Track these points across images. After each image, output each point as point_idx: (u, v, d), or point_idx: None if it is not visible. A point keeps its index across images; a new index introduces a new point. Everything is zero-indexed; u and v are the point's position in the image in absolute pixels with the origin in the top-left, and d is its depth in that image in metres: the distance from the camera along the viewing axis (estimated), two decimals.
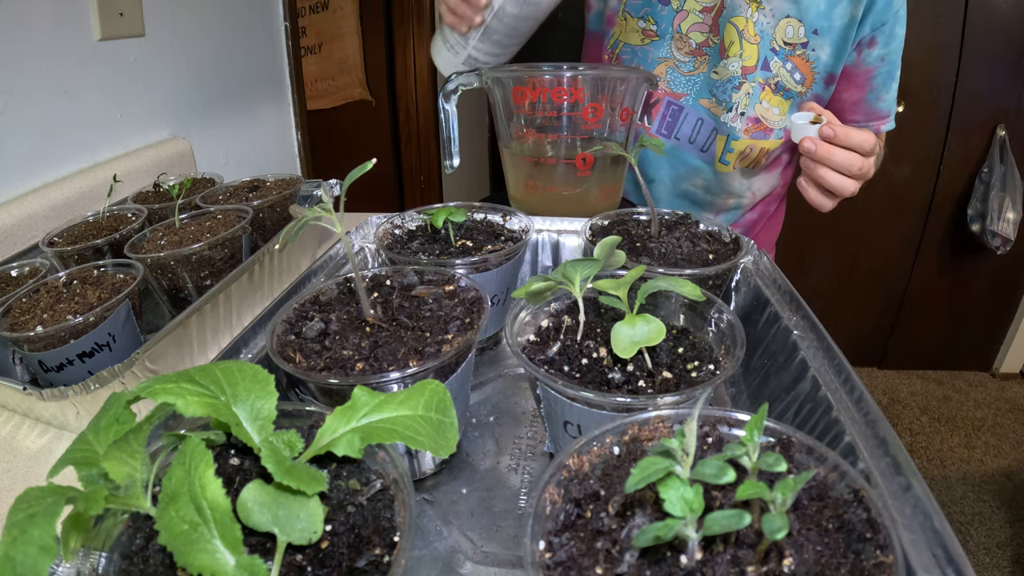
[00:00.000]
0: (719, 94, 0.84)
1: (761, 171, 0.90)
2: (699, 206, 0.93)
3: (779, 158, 0.91)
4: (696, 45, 0.84)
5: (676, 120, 0.87)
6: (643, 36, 0.87)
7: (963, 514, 1.80)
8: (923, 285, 2.27)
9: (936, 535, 0.29)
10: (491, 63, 0.82)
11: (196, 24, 1.06)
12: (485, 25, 0.75)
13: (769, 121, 0.84)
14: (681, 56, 0.85)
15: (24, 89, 0.78)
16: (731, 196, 0.91)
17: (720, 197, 0.91)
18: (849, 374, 0.42)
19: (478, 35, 0.77)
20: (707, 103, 0.85)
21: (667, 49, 0.86)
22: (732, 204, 0.93)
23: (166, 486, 0.25)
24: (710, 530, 0.23)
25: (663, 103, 0.87)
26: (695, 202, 0.93)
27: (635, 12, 0.87)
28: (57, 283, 0.61)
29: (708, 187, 0.90)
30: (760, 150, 0.85)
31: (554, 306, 0.49)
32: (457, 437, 0.31)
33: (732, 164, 0.86)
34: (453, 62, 0.82)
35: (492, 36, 0.77)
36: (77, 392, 0.48)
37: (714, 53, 0.83)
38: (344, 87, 2.50)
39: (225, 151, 1.17)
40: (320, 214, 0.41)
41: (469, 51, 0.79)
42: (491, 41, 0.77)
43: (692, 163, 0.88)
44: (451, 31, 0.79)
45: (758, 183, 0.91)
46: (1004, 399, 2.26)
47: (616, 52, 0.90)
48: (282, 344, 0.44)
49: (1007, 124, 2.00)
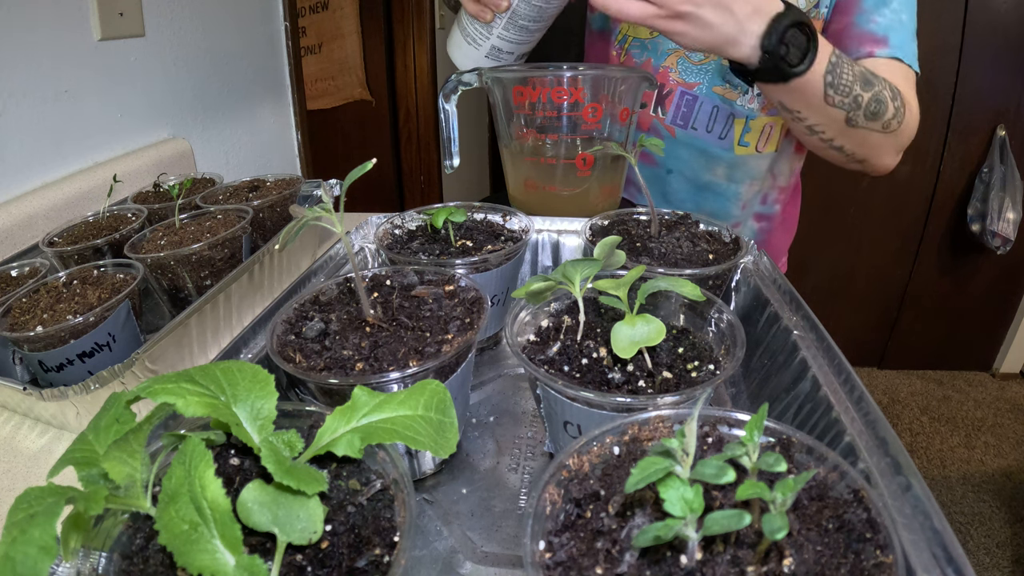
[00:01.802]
0: (732, 79, 0.83)
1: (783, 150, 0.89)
2: (721, 197, 0.91)
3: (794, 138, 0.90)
4: None
5: (691, 110, 0.86)
6: (650, 30, 0.86)
7: (963, 514, 1.80)
8: (923, 285, 2.27)
9: (936, 535, 0.29)
10: (515, 53, 0.79)
11: (196, 24, 1.06)
12: (512, 10, 0.73)
13: None
14: None
15: (24, 89, 0.78)
16: (754, 181, 0.89)
17: (743, 184, 0.89)
18: (849, 374, 0.42)
19: (503, 22, 0.74)
20: (721, 90, 0.84)
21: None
22: (755, 192, 0.91)
23: (166, 486, 0.25)
24: (710, 530, 0.23)
25: (676, 93, 0.86)
26: (717, 193, 0.91)
27: None
28: (57, 283, 0.61)
29: (729, 174, 0.89)
30: (781, 127, 0.84)
31: (554, 306, 0.49)
32: (457, 437, 0.31)
33: (753, 145, 0.85)
34: (474, 56, 0.79)
35: (518, 21, 0.74)
36: (77, 392, 0.48)
37: None
38: (344, 87, 2.50)
39: (225, 151, 1.17)
40: (320, 214, 0.41)
41: (492, 41, 0.76)
42: (517, 27, 0.75)
43: (711, 152, 0.87)
44: (471, 22, 0.77)
45: (779, 165, 0.90)
46: (1004, 399, 2.26)
47: (625, 47, 0.89)
48: (282, 344, 0.44)
49: (1007, 124, 2.00)
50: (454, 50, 0.82)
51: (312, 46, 2.47)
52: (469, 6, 0.74)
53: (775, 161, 0.90)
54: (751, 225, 0.94)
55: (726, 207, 0.91)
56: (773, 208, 0.94)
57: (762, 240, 0.96)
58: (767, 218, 0.95)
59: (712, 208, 0.92)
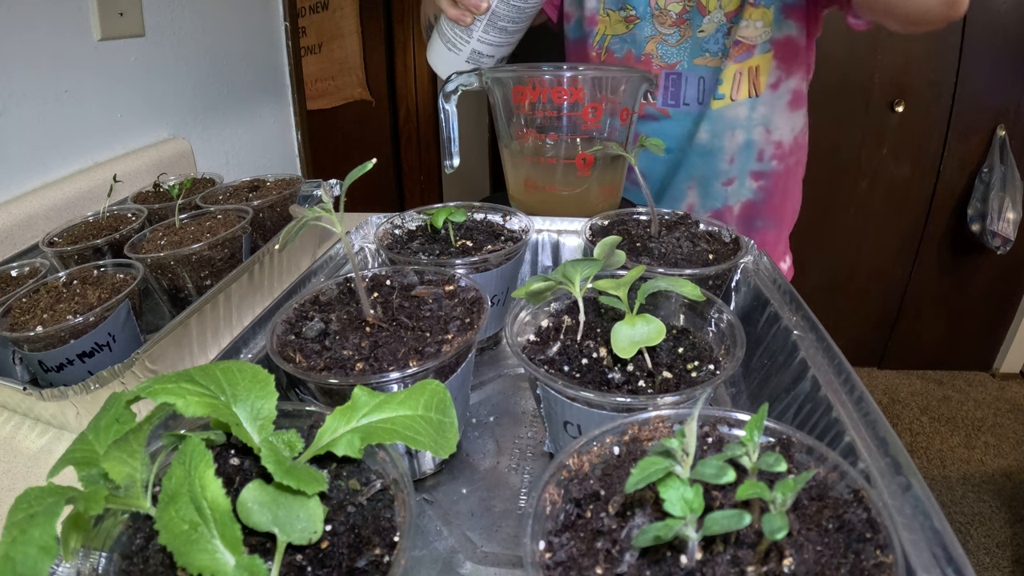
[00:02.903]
0: (711, 47, 0.86)
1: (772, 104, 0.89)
2: (707, 155, 0.91)
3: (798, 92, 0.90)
4: (676, 16, 0.87)
5: (679, 88, 0.89)
6: (626, 24, 0.90)
7: (963, 514, 1.80)
8: (923, 285, 2.27)
9: (936, 535, 0.29)
10: (495, 56, 0.81)
11: (196, 24, 1.06)
12: (492, 11, 0.74)
13: (750, 39, 0.85)
14: (665, 30, 0.88)
15: (24, 89, 0.78)
16: (735, 132, 0.90)
17: (724, 138, 0.90)
18: (849, 374, 0.42)
19: (483, 24, 0.76)
20: (702, 60, 0.87)
21: (651, 27, 0.88)
22: (741, 144, 0.90)
23: (166, 486, 0.25)
24: (710, 530, 0.23)
25: (661, 76, 0.89)
26: (702, 153, 0.91)
27: (614, 6, 0.90)
28: (57, 283, 0.61)
29: (711, 129, 0.90)
30: (752, 70, 0.86)
31: (554, 306, 0.49)
32: (457, 437, 0.31)
33: (728, 96, 0.87)
34: (454, 62, 0.81)
35: (497, 23, 0.76)
36: (77, 392, 0.48)
37: (695, 16, 0.86)
38: (344, 87, 2.50)
39: (225, 151, 1.17)
40: (320, 214, 0.41)
41: (473, 44, 0.79)
42: (496, 28, 0.77)
43: (694, 115, 0.89)
44: (451, 27, 0.79)
45: (774, 120, 0.90)
46: (1004, 399, 2.26)
47: (605, 46, 0.93)
48: (282, 344, 0.44)
49: (1007, 124, 2.00)
50: (435, 58, 0.84)
51: (312, 46, 2.47)
52: (449, 11, 0.76)
53: (766, 116, 0.90)
54: (749, 184, 0.93)
55: (713, 164, 0.92)
56: (770, 165, 0.93)
57: (763, 200, 0.95)
58: (765, 175, 0.93)
59: (702, 171, 0.92)
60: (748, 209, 0.95)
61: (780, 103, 0.90)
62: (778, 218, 0.98)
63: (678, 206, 0.95)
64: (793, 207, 1.01)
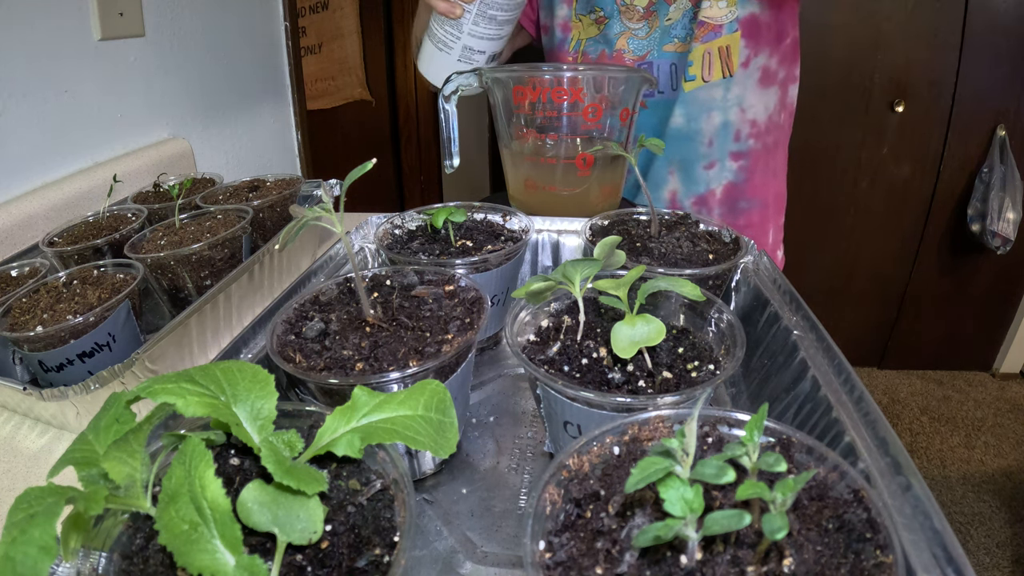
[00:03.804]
0: (678, 32, 0.87)
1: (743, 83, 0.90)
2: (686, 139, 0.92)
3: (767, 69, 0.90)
4: (643, 10, 0.89)
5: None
6: (598, 26, 0.93)
7: (963, 514, 1.80)
8: (923, 285, 2.27)
9: (936, 535, 0.29)
10: (487, 52, 0.81)
11: (196, 24, 1.06)
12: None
13: (715, 19, 0.85)
14: (634, 24, 0.90)
15: (24, 89, 0.78)
16: (712, 113, 0.90)
17: (701, 120, 0.91)
18: (849, 374, 0.42)
19: (473, 15, 0.77)
20: (671, 47, 0.88)
21: (619, 24, 0.91)
22: (718, 126, 0.91)
23: (166, 486, 0.25)
24: (710, 530, 0.23)
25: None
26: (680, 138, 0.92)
27: (584, 10, 0.93)
28: (57, 283, 0.61)
29: (687, 113, 0.90)
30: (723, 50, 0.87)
31: (554, 306, 0.49)
32: (457, 437, 0.31)
33: (699, 77, 0.88)
34: (447, 63, 0.81)
35: (487, 11, 0.77)
36: (77, 392, 0.48)
37: (661, 6, 0.87)
38: (344, 87, 2.50)
39: (225, 151, 1.17)
40: (320, 214, 0.41)
41: (464, 40, 0.79)
42: (487, 18, 0.77)
43: (670, 101, 0.91)
44: (441, 26, 0.79)
45: (747, 98, 0.91)
46: (1004, 399, 2.26)
47: (581, 49, 0.95)
48: (282, 344, 0.44)
49: (1007, 124, 2.00)
50: (426, 65, 0.84)
51: (312, 46, 2.47)
52: (439, 5, 0.77)
53: (739, 95, 0.90)
54: (729, 165, 0.94)
55: (694, 148, 0.92)
56: (748, 144, 0.93)
57: (744, 180, 0.95)
58: (744, 155, 0.94)
59: (683, 156, 0.93)
60: (730, 191, 0.95)
61: (750, 81, 0.91)
62: (761, 199, 0.98)
63: (661, 193, 0.96)
64: (777, 190, 1.01)
